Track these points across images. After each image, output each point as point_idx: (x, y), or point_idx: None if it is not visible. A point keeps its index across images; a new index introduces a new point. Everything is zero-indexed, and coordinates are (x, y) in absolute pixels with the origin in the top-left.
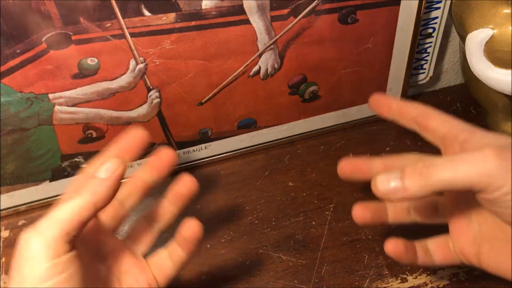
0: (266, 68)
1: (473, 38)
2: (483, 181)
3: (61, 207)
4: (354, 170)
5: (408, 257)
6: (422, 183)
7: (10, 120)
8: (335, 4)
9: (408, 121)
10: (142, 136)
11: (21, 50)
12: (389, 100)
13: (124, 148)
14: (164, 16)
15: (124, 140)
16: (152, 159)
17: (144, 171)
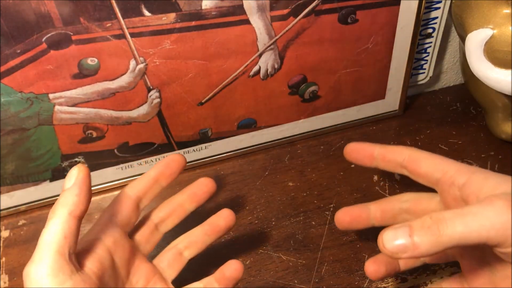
0: (266, 68)
1: (473, 38)
2: (499, 235)
3: (44, 231)
4: (352, 220)
5: None
6: (432, 240)
7: (10, 120)
8: (335, 4)
9: (395, 167)
10: (180, 160)
11: (21, 50)
12: (369, 148)
13: (162, 172)
14: (164, 16)
15: (163, 163)
16: (193, 187)
17: (183, 197)
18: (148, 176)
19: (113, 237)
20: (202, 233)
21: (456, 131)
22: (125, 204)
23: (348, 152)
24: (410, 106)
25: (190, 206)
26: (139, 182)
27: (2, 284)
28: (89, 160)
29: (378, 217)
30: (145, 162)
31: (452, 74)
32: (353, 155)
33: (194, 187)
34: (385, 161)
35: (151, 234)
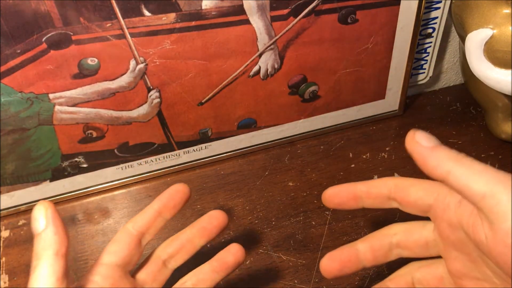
0: (266, 68)
1: (473, 38)
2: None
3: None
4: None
5: None
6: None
7: (10, 120)
8: (335, 4)
9: (383, 202)
10: (184, 191)
11: (21, 50)
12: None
13: (165, 204)
14: (164, 16)
15: (166, 195)
16: (203, 221)
17: (192, 231)
18: (151, 209)
19: (112, 277)
20: (211, 270)
21: (456, 131)
22: (126, 241)
23: (327, 199)
24: (410, 106)
25: (200, 241)
26: (141, 216)
27: (2, 284)
28: (89, 160)
29: (369, 258)
30: (145, 162)
31: (452, 74)
32: (335, 201)
33: (204, 220)
34: (371, 198)
35: (159, 271)
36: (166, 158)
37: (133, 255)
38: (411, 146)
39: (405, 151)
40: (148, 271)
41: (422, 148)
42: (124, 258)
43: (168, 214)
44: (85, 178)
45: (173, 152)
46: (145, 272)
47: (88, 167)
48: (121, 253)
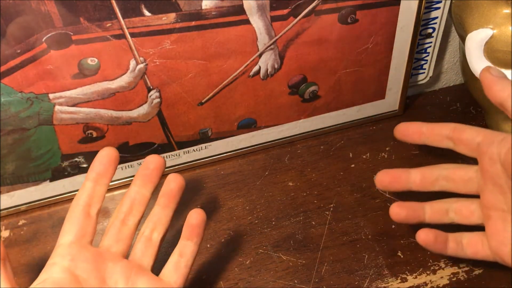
0: (266, 68)
1: (473, 38)
2: None
3: None
4: (392, 180)
5: (438, 247)
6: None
7: (10, 120)
8: (335, 4)
9: (441, 140)
10: (111, 154)
11: (21, 50)
12: (417, 126)
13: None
14: (164, 16)
15: (96, 163)
16: (141, 170)
17: (137, 184)
18: (87, 181)
19: (70, 255)
20: (161, 208)
21: None
22: (75, 217)
23: (399, 131)
24: (410, 106)
25: (147, 189)
26: (81, 191)
27: None
28: (89, 160)
29: (417, 182)
30: None
31: (452, 74)
32: (404, 133)
33: (142, 169)
34: (433, 135)
35: (120, 231)
36: (166, 158)
37: (85, 227)
38: (484, 73)
39: (405, 151)
40: (110, 235)
41: (492, 76)
42: (78, 233)
43: (105, 180)
44: None
45: (173, 152)
46: (107, 237)
47: (88, 167)
48: (74, 230)
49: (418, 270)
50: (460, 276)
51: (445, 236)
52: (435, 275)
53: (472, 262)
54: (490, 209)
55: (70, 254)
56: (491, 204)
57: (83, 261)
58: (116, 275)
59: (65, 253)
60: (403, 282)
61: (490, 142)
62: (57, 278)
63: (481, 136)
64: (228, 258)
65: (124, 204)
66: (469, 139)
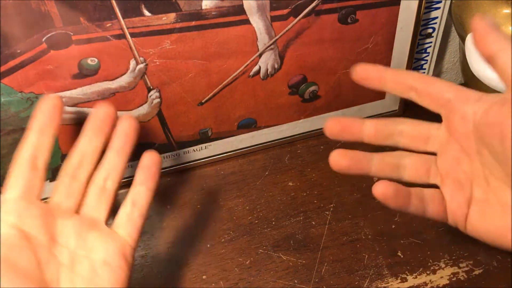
0: (266, 68)
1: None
2: None
3: None
4: (342, 129)
5: (399, 202)
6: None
7: (11, 120)
8: (335, 4)
9: (404, 89)
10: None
11: (21, 50)
12: (380, 70)
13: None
14: (164, 16)
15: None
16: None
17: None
18: (32, 131)
19: (16, 210)
20: (114, 153)
21: None
22: (20, 169)
23: (358, 74)
24: (410, 106)
25: (98, 140)
26: (25, 141)
27: None
28: None
29: (371, 134)
30: None
31: (452, 74)
32: (362, 75)
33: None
34: (395, 83)
35: (69, 186)
36: (166, 158)
37: (32, 181)
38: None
39: None
40: (59, 191)
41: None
42: (24, 188)
43: (50, 130)
44: None
45: (173, 152)
46: (57, 193)
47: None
48: (20, 183)
49: (418, 270)
50: (460, 276)
51: (407, 191)
52: (435, 275)
53: (472, 262)
54: (450, 170)
55: (16, 210)
56: (452, 164)
57: (31, 217)
58: (67, 232)
59: (11, 209)
60: (403, 282)
61: (464, 99)
62: (3, 235)
63: (453, 92)
64: (228, 258)
65: (74, 157)
66: (437, 93)
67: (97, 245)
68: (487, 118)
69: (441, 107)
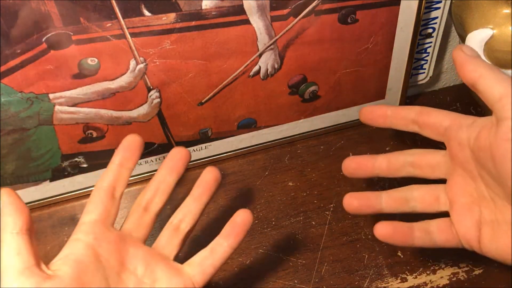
0: (266, 68)
1: (473, 38)
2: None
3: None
4: (358, 167)
5: (400, 240)
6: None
7: (10, 120)
8: (335, 4)
9: (407, 123)
10: (137, 140)
11: (21, 50)
12: (382, 109)
13: (123, 156)
14: (164, 16)
15: (122, 148)
16: (168, 161)
17: (162, 172)
18: (113, 164)
19: (93, 233)
20: (193, 200)
21: None
22: (99, 197)
23: (364, 114)
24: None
25: (171, 178)
26: (106, 173)
27: None
28: (89, 160)
29: (383, 168)
30: (145, 162)
31: (452, 74)
32: (368, 116)
33: (169, 160)
34: (397, 119)
35: (141, 217)
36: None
37: (109, 208)
38: (456, 52)
39: None
40: (132, 220)
41: (464, 55)
42: (102, 213)
43: (130, 164)
44: (85, 178)
45: None
46: (129, 222)
47: (88, 167)
48: (98, 210)
49: (418, 270)
50: (460, 276)
51: (408, 227)
52: (435, 275)
53: (472, 262)
54: (457, 195)
55: (93, 233)
56: (459, 189)
57: (106, 241)
58: (136, 260)
59: (89, 231)
60: (403, 282)
61: (458, 127)
62: (80, 255)
63: (449, 120)
64: (228, 258)
65: (148, 191)
66: (436, 123)
67: (163, 277)
68: (479, 142)
69: (441, 136)
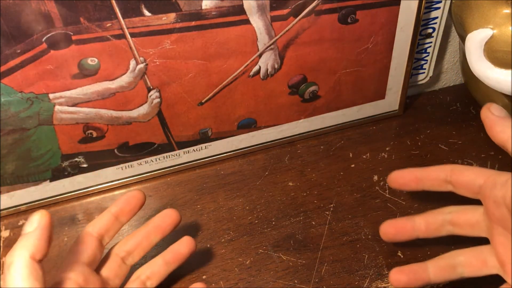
0: (266, 68)
1: (473, 38)
2: None
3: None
4: (397, 232)
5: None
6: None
7: (10, 120)
8: (335, 4)
9: (441, 185)
10: (139, 197)
11: (21, 50)
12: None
13: (122, 208)
14: (164, 16)
15: (122, 200)
16: (157, 219)
17: (147, 229)
18: (108, 213)
19: (83, 274)
20: (163, 262)
21: (456, 131)
22: (89, 242)
23: (393, 179)
24: (410, 106)
25: (155, 238)
26: (99, 220)
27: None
28: (89, 160)
29: (422, 229)
30: (145, 162)
31: (452, 74)
32: (399, 181)
33: (158, 219)
34: (430, 180)
35: (119, 268)
36: (166, 158)
37: (95, 254)
38: (484, 113)
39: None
40: (109, 268)
41: (493, 116)
42: (89, 257)
43: (124, 219)
44: (85, 178)
45: (173, 152)
46: (107, 270)
47: (88, 167)
48: (86, 253)
49: None
50: None
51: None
52: None
53: None
54: (505, 255)
55: (83, 274)
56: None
57: (92, 284)
58: None
59: (80, 271)
60: None
61: (492, 185)
62: None
63: (482, 178)
64: (228, 258)
65: (128, 244)
66: (469, 182)
67: None
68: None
69: (477, 194)
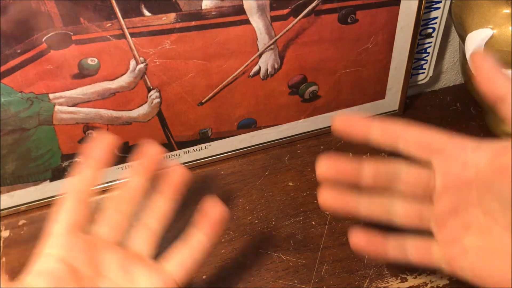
0: (266, 68)
1: (473, 38)
2: None
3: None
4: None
5: (372, 251)
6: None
7: (10, 120)
8: (335, 4)
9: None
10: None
11: (21, 50)
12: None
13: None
14: (164, 16)
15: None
16: (137, 160)
17: (134, 174)
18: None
19: (65, 245)
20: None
21: (456, 131)
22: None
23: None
24: (410, 106)
25: (143, 180)
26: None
27: (3, 284)
28: None
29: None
30: None
31: (452, 74)
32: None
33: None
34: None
35: (113, 219)
36: (166, 158)
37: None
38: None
39: None
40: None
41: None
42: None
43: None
44: None
45: (173, 152)
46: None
47: None
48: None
49: (418, 270)
50: None
51: (382, 239)
52: (435, 275)
53: None
54: (444, 220)
55: (65, 245)
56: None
57: (78, 251)
58: (112, 264)
59: (60, 244)
60: (403, 282)
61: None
62: (53, 269)
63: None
64: (228, 258)
65: (120, 195)
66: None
67: (142, 277)
68: (495, 164)
69: (433, 156)
